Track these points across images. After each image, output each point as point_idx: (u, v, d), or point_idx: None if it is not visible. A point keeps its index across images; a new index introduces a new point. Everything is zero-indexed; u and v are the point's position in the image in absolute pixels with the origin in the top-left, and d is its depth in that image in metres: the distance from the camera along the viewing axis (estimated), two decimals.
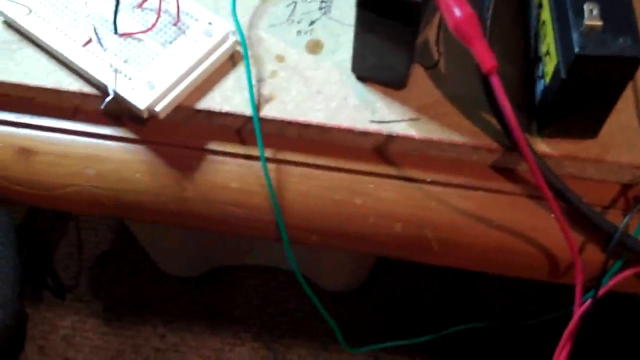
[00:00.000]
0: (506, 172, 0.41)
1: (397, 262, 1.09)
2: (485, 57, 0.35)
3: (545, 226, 0.40)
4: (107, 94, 0.41)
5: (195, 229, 0.43)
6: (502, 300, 1.06)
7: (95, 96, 0.43)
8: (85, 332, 1.07)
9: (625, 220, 0.39)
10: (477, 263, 0.42)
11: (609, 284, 0.39)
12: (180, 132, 0.43)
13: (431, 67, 0.43)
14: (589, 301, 0.39)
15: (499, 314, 1.05)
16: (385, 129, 0.41)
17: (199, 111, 0.42)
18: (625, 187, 0.41)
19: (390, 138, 0.41)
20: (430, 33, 0.44)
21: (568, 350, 0.39)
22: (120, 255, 1.12)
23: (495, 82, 0.34)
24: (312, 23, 0.45)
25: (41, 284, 1.07)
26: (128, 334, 1.06)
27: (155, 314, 1.08)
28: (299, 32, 0.44)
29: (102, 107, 0.41)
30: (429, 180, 0.41)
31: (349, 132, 0.41)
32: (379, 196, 0.41)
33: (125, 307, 1.08)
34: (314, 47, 0.44)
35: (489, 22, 0.40)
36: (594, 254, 0.40)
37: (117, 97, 0.41)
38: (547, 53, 0.39)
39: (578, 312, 0.39)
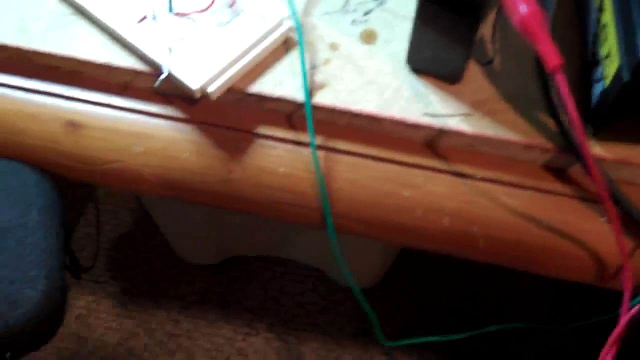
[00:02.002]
0: (558, 173, 0.41)
1: (418, 260, 1.09)
2: (550, 54, 0.34)
3: (595, 229, 0.40)
4: (159, 72, 0.41)
5: (240, 212, 0.43)
6: (538, 301, 1.05)
7: (147, 74, 0.43)
8: (100, 313, 1.07)
9: None
10: (522, 262, 0.41)
11: None
12: (230, 114, 0.43)
13: (486, 64, 0.43)
14: (638, 306, 0.39)
15: (534, 315, 1.03)
16: (437, 122, 0.41)
17: (251, 94, 0.42)
18: None
19: (442, 132, 0.41)
20: (485, 29, 0.44)
21: (613, 355, 0.39)
22: (139, 239, 1.12)
23: (561, 80, 0.34)
24: (366, 13, 0.44)
25: None
26: (142, 317, 1.07)
27: (170, 299, 1.08)
28: (353, 21, 0.44)
29: (156, 85, 0.41)
30: (479, 176, 0.41)
31: (401, 123, 0.41)
32: (428, 189, 0.41)
33: (140, 290, 1.08)
34: (368, 37, 0.44)
35: (550, 21, 0.39)
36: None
37: (170, 76, 0.41)
38: (608, 55, 0.38)
39: (625, 317, 0.38)
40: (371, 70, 0.42)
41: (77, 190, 1.15)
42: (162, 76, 0.41)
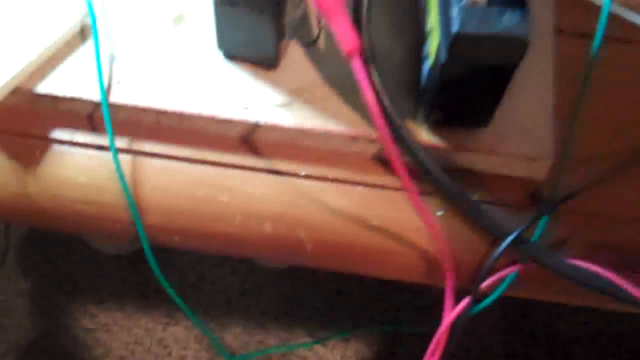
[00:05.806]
0: (389, 165, 0.37)
1: None
2: (346, 36, 0.30)
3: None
4: None
5: (42, 228, 0.38)
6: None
7: None
8: (12, 312, 1.02)
9: (519, 221, 0.35)
10: (354, 266, 0.37)
11: (486, 285, 0.35)
12: (21, 119, 0.38)
13: (310, 45, 0.38)
14: (459, 307, 0.35)
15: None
16: (252, 115, 0.36)
17: (41, 95, 0.37)
18: (521, 182, 0.37)
19: (257, 126, 0.36)
20: (310, 7, 0.38)
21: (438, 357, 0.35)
22: (50, 232, 1.06)
23: (357, 67, 0.29)
24: None
25: None
26: (56, 314, 1.02)
27: (85, 293, 1.03)
28: (161, 3, 0.39)
29: None
30: (302, 174, 0.37)
31: (212, 119, 0.36)
32: (246, 192, 0.36)
33: (54, 286, 1.03)
34: (177, 21, 0.38)
35: None
36: (478, 255, 0.36)
37: None
38: (431, 30, 0.34)
39: (447, 318, 0.34)
40: (179, 60, 0.37)
41: None
42: None
